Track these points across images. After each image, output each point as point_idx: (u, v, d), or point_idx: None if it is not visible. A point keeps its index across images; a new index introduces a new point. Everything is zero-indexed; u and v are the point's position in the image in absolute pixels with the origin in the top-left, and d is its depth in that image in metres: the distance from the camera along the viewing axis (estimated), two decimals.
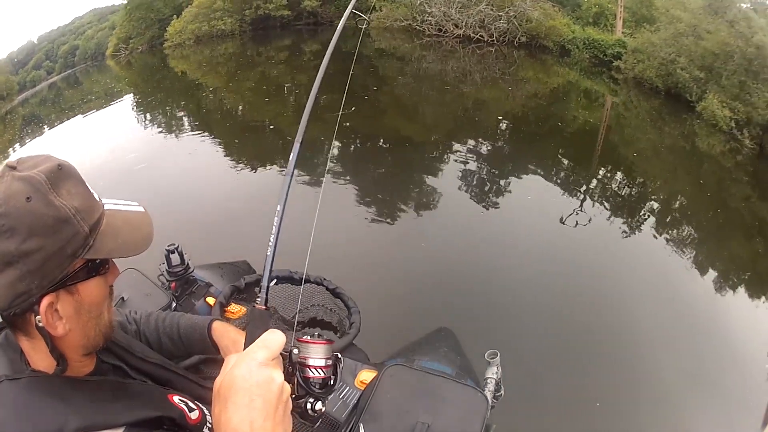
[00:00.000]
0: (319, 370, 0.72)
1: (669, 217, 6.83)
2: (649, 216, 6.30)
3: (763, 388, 3.24)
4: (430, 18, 11.21)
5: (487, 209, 5.38)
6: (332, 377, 0.75)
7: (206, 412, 0.88)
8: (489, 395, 1.63)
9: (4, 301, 0.63)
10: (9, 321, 0.69)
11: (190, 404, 0.87)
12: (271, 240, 1.03)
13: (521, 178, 6.32)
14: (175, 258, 2.09)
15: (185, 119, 9.39)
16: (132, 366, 0.88)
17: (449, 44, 11.16)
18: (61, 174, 0.66)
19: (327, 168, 5.67)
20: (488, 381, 1.71)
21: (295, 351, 0.71)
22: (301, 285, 2.28)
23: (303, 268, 1.93)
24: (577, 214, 5.42)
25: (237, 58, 11.25)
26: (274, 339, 0.64)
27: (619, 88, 12.73)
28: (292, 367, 0.71)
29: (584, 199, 6.01)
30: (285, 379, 0.63)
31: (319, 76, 1.29)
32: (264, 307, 0.93)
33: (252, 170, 6.41)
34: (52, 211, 0.62)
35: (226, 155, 7.14)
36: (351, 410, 1.48)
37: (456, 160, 6.23)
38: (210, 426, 0.86)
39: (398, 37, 10.89)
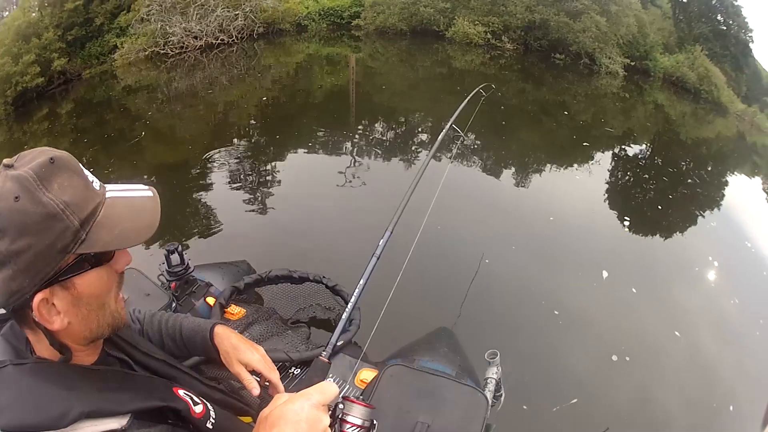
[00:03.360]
0: (355, 428, 0.78)
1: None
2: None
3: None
4: (172, 38, 11.08)
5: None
6: None
7: (210, 407, 0.89)
8: (489, 395, 1.63)
9: (2, 299, 0.65)
10: (15, 317, 0.70)
11: (195, 398, 0.87)
12: (348, 308, 1.28)
13: (283, 160, 6.25)
14: (175, 258, 2.09)
15: None
16: (137, 361, 0.88)
17: (193, 58, 11.13)
18: (53, 168, 0.65)
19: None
20: (488, 381, 1.71)
21: (341, 406, 0.78)
22: (300, 284, 2.30)
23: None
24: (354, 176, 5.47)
25: (6, 146, 10.03)
26: (330, 389, 0.71)
27: (361, 43, 13.18)
28: (334, 419, 0.77)
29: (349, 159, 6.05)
30: None
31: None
32: (327, 360, 1.06)
33: None
34: (39, 209, 0.62)
35: None
36: None
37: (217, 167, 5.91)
38: (213, 420, 0.87)
39: (143, 67, 10.62)
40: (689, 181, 7.64)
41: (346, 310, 1.30)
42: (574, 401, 2.76)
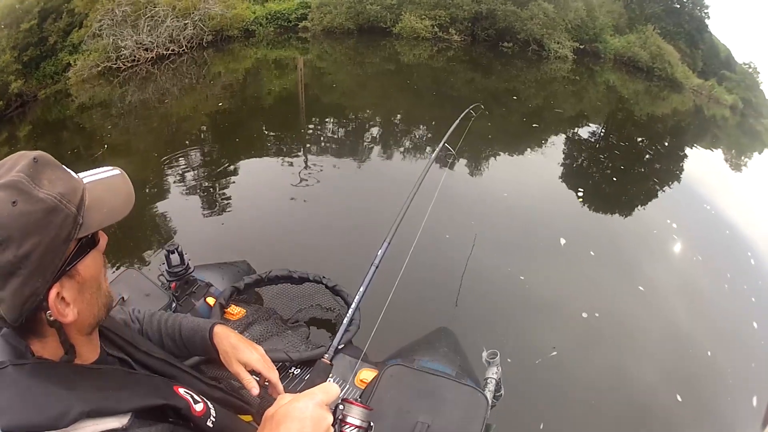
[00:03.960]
0: (355, 429, 0.80)
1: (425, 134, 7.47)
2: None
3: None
4: (124, 51, 10.88)
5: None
6: None
7: (210, 405, 0.90)
8: (489, 395, 1.65)
9: (15, 312, 0.64)
10: (21, 330, 0.69)
11: (195, 396, 0.88)
12: (349, 313, 1.31)
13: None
14: (175, 258, 2.07)
15: None
16: (137, 360, 0.89)
17: (144, 70, 11.02)
18: (38, 166, 0.67)
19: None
20: (488, 381, 1.73)
21: (341, 407, 0.80)
22: (300, 284, 2.32)
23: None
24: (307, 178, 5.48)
25: None
26: (332, 389, 0.75)
27: (309, 45, 13.33)
28: (334, 419, 0.78)
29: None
30: None
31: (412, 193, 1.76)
32: (329, 362, 1.10)
33: None
34: (38, 206, 0.63)
35: None
36: None
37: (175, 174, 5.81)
38: (213, 419, 0.88)
39: (97, 83, 10.37)
40: (646, 156, 7.97)
41: (347, 314, 1.34)
42: (554, 353, 3.04)
